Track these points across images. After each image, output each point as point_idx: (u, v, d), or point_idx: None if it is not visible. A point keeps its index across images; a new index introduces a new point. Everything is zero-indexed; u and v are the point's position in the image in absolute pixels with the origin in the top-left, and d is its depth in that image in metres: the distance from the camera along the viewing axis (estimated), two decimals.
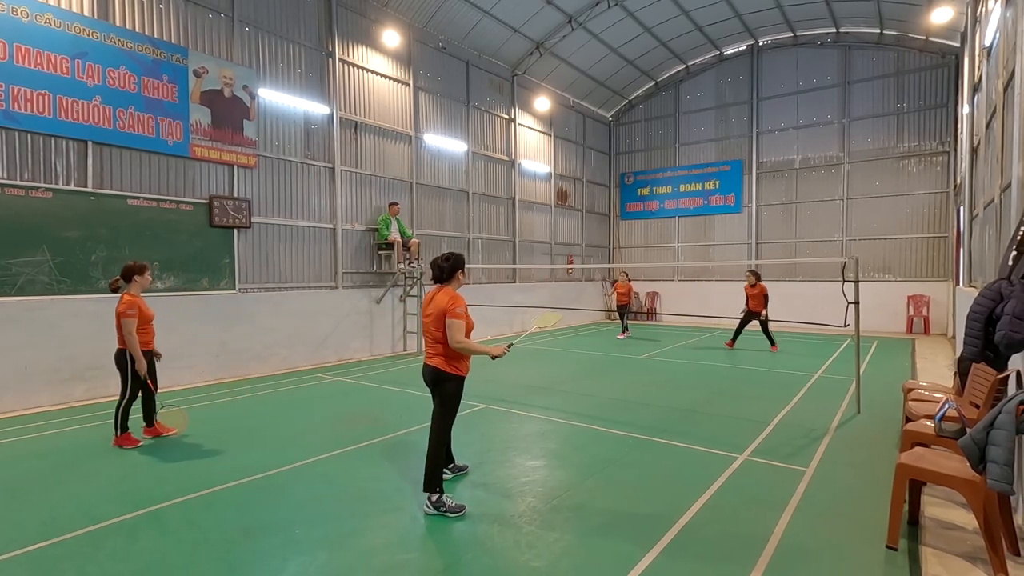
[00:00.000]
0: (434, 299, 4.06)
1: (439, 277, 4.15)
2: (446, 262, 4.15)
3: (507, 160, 15.39)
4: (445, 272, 4.13)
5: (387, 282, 11.63)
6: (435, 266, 4.17)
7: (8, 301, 6.86)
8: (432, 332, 4.03)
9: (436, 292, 4.11)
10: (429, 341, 4.07)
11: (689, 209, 18.53)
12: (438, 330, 3.98)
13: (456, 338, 3.91)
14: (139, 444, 5.48)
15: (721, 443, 5.43)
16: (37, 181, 7.20)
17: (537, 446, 5.51)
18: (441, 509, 3.89)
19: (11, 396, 6.82)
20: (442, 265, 4.14)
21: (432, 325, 4.01)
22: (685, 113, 18.51)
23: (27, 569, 3.21)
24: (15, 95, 6.95)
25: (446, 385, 4.04)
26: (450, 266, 4.14)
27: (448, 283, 4.14)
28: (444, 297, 4.00)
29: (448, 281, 4.14)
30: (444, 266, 4.14)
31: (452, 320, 3.91)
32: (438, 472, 4.00)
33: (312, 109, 10.46)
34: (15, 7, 6.95)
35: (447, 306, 3.93)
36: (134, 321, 5.31)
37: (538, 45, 14.85)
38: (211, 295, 8.80)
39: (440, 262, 4.16)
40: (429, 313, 4.04)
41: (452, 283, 4.15)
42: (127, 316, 5.28)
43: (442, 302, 3.97)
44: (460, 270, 4.17)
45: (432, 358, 4.07)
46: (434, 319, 4.00)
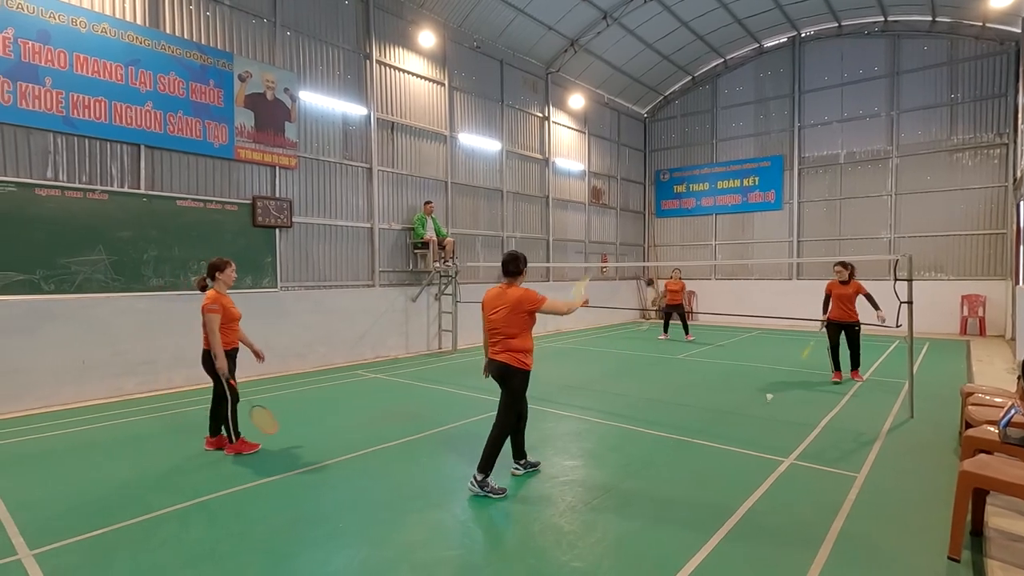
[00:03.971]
0: (505, 294, 4.22)
1: (510, 272, 4.34)
2: (514, 257, 4.36)
3: (541, 158, 15.34)
4: (515, 268, 4.33)
5: (423, 280, 11.74)
6: (506, 263, 4.36)
7: (68, 299, 7.20)
8: (501, 328, 4.18)
9: (504, 288, 4.27)
10: (498, 337, 4.21)
11: (727, 206, 18.10)
12: (510, 326, 4.15)
13: (564, 308, 4.31)
14: (258, 448, 5.25)
15: (764, 446, 5.28)
16: (94, 184, 7.53)
17: (574, 445, 5.47)
18: (485, 488, 4.14)
19: (70, 388, 7.16)
20: (512, 261, 4.35)
21: (503, 321, 4.16)
22: (723, 108, 18.09)
23: (83, 555, 3.35)
24: (74, 102, 7.29)
25: (514, 380, 4.22)
26: (517, 266, 4.34)
27: (516, 279, 4.32)
28: (518, 292, 4.18)
29: (517, 278, 4.32)
30: (512, 266, 4.34)
31: (547, 304, 4.18)
32: (494, 457, 4.21)
33: (350, 110, 10.64)
34: (74, 18, 7.29)
35: (528, 299, 4.12)
36: (217, 317, 5.05)
37: (572, 42, 14.74)
38: (254, 293, 9.06)
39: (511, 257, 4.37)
40: (497, 308, 4.19)
41: (519, 279, 4.33)
42: (210, 311, 5.05)
43: (515, 296, 4.15)
44: (526, 265, 4.39)
45: (500, 354, 4.21)
46: (506, 314, 4.15)
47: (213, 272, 5.26)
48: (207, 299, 5.13)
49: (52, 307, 7.06)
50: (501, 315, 4.17)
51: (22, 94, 6.89)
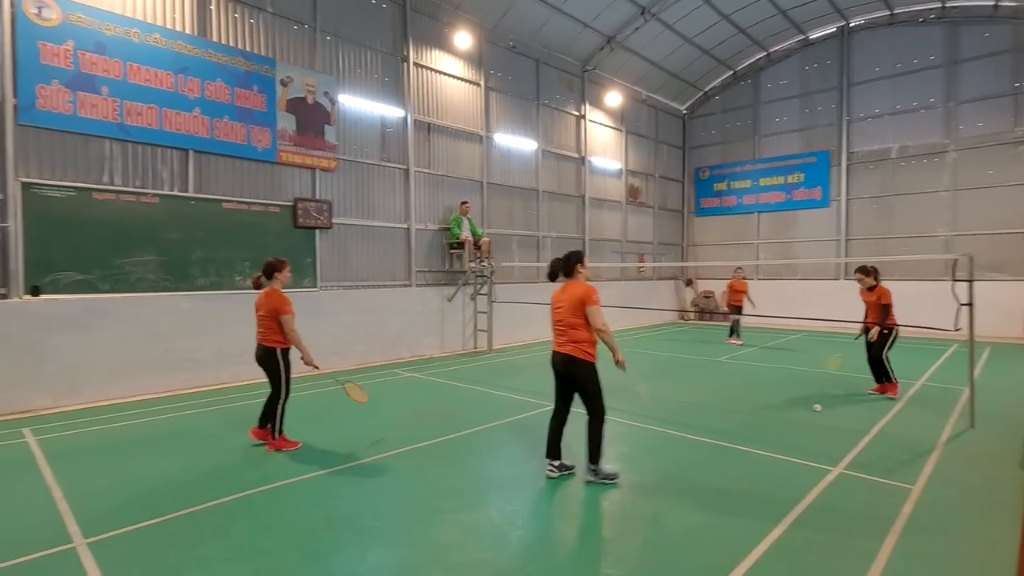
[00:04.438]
0: (567, 290, 4.41)
1: (557, 273, 4.54)
2: (559, 260, 4.54)
3: (577, 157, 15.21)
4: (565, 267, 4.49)
5: (458, 280, 11.81)
6: (553, 265, 4.57)
7: (121, 297, 7.54)
8: (565, 321, 4.35)
9: (567, 286, 4.46)
10: (562, 329, 4.40)
11: (770, 204, 17.54)
12: (572, 317, 4.31)
13: (601, 322, 4.27)
14: (298, 446, 5.35)
15: (810, 453, 5.06)
16: (146, 187, 7.87)
17: (609, 449, 5.36)
18: (599, 476, 4.40)
19: (124, 384, 7.50)
20: (560, 262, 4.53)
21: (566, 314, 4.34)
22: (766, 103, 17.53)
23: (134, 545, 3.48)
24: (128, 109, 7.63)
25: (581, 371, 4.34)
26: (565, 263, 4.49)
27: (574, 277, 4.46)
28: (580, 287, 4.35)
29: (572, 275, 4.47)
30: (558, 265, 4.53)
31: (592, 308, 4.27)
32: (598, 447, 4.41)
33: (388, 113, 10.79)
34: (128, 29, 7.63)
35: (584, 295, 4.28)
36: (294, 316, 5.22)
37: (609, 39, 14.55)
38: (295, 293, 9.25)
39: (557, 260, 4.56)
40: (561, 303, 4.40)
41: (578, 276, 4.46)
42: (286, 312, 5.16)
43: (578, 291, 4.32)
44: (579, 264, 4.48)
45: (564, 346, 4.38)
46: (568, 308, 4.33)
47: (271, 271, 5.34)
48: (280, 301, 5.20)
49: (107, 305, 7.40)
50: (565, 308, 4.36)
51: (81, 103, 7.25)
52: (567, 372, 4.40)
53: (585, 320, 4.31)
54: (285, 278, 5.39)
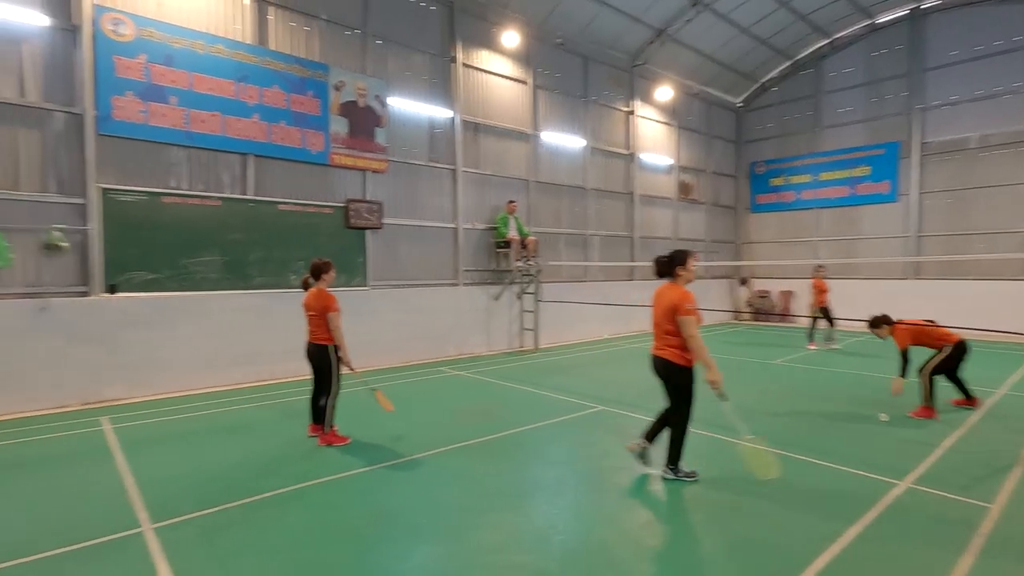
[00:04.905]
0: (664, 293, 4.32)
1: (661, 272, 4.41)
2: (663, 259, 4.39)
3: (626, 154, 14.94)
4: (665, 268, 4.37)
5: (505, 280, 11.84)
6: (656, 263, 4.45)
7: (188, 296, 7.99)
8: (661, 324, 4.30)
9: (665, 288, 4.36)
10: (659, 333, 4.35)
11: (832, 199, 16.67)
12: (667, 323, 4.24)
13: (691, 332, 4.14)
14: (348, 441, 5.47)
15: (874, 465, 4.77)
16: (209, 191, 8.29)
17: (656, 453, 5.24)
18: (679, 475, 4.42)
19: (190, 377, 7.94)
20: (662, 262, 4.40)
21: (661, 318, 4.28)
22: (828, 93, 16.65)
23: (196, 532, 3.67)
24: (194, 117, 8.06)
25: (677, 376, 4.29)
26: (668, 262, 4.35)
27: (674, 279, 4.34)
28: (672, 293, 4.25)
29: (673, 277, 4.34)
30: (663, 262, 4.39)
31: (683, 318, 4.14)
32: (679, 449, 4.42)
33: (436, 114, 10.93)
34: (194, 42, 8.05)
35: (677, 302, 4.17)
36: (340, 315, 5.41)
37: (660, 32, 14.20)
38: (346, 291, 9.55)
39: (660, 258, 4.42)
40: (657, 305, 4.33)
41: (678, 279, 4.32)
42: (333, 309, 5.36)
43: (671, 297, 4.22)
44: (680, 266, 4.31)
45: (661, 350, 4.33)
46: (662, 312, 4.27)
47: (319, 272, 5.56)
48: (327, 299, 5.40)
49: (175, 303, 7.86)
50: (659, 312, 4.31)
51: (152, 113, 7.72)
52: (663, 375, 4.36)
53: (678, 326, 4.20)
54: (331, 278, 5.62)
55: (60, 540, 3.51)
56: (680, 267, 4.30)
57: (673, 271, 4.33)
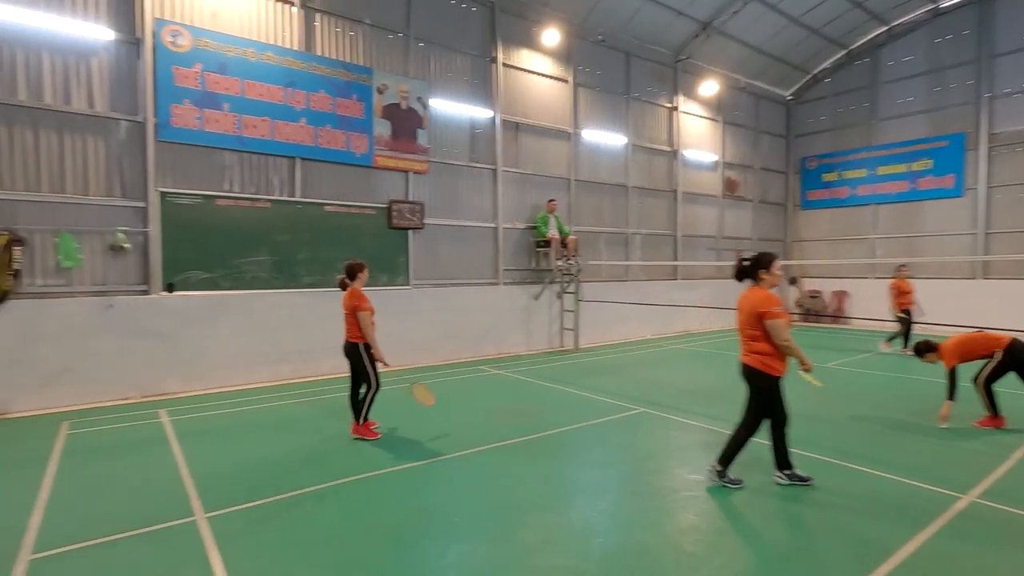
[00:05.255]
0: (748, 297, 4.20)
1: (744, 275, 4.29)
2: (746, 261, 4.26)
3: (669, 151, 14.64)
4: (748, 271, 4.24)
5: (545, 279, 11.80)
6: (737, 265, 4.34)
7: (239, 294, 8.32)
8: (744, 330, 4.20)
9: (749, 291, 4.23)
10: (743, 339, 4.25)
11: (890, 195, 15.84)
12: (751, 328, 4.13)
13: (782, 336, 4.01)
14: (378, 437, 5.63)
15: (935, 476, 4.50)
16: (260, 194, 8.60)
17: (698, 458, 5.11)
18: (723, 479, 4.29)
19: (240, 372, 8.27)
20: (744, 265, 4.28)
21: (744, 323, 4.18)
22: (886, 83, 15.83)
23: (245, 522, 3.81)
24: (245, 123, 8.38)
25: (759, 383, 4.18)
26: (752, 265, 4.22)
27: (757, 282, 4.21)
28: (755, 297, 4.13)
29: (756, 280, 4.22)
30: (745, 266, 4.27)
31: (771, 321, 4.01)
32: (734, 455, 4.28)
33: (477, 114, 11.00)
34: (246, 50, 8.37)
35: (761, 307, 4.05)
36: (371, 313, 5.60)
37: (705, 26, 13.82)
38: (389, 290, 9.75)
39: (742, 261, 4.31)
40: (742, 311, 4.22)
41: (760, 283, 4.20)
42: (363, 309, 5.53)
43: (753, 302, 4.11)
44: (764, 268, 4.17)
45: (745, 356, 4.23)
46: (746, 317, 4.16)
47: (354, 273, 5.79)
48: (358, 299, 5.60)
49: (228, 301, 8.20)
50: (742, 317, 4.21)
51: (207, 119, 8.07)
52: (748, 381, 4.26)
53: (764, 331, 4.07)
54: (364, 278, 5.83)
55: (121, 525, 3.72)
56: (764, 270, 4.16)
57: (756, 274, 4.20)
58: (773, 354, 4.10)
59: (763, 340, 4.09)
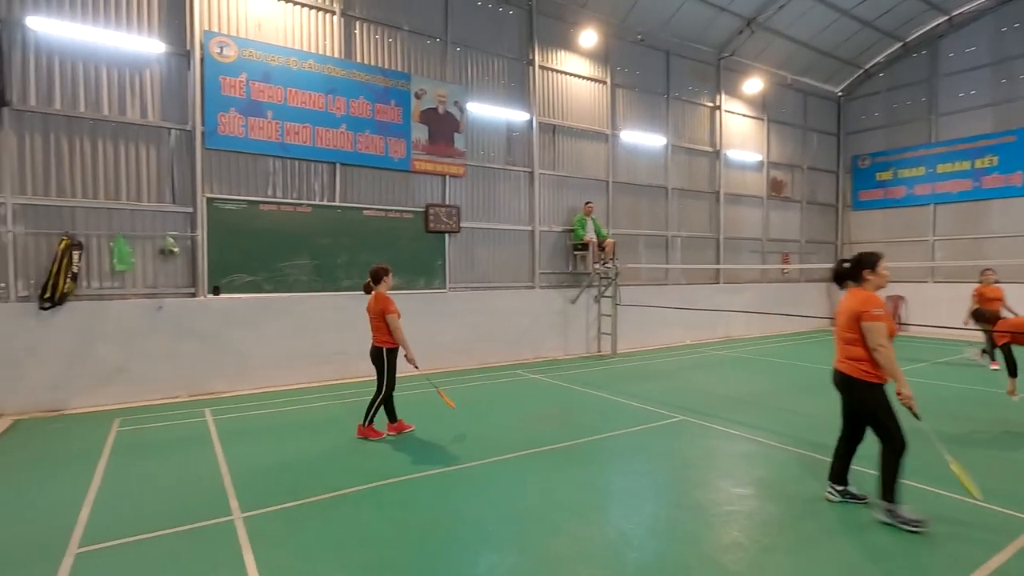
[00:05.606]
0: (848, 299, 3.91)
1: (843, 277, 3.99)
2: (846, 263, 3.98)
3: (711, 151, 14.24)
4: (850, 272, 3.93)
5: (582, 282, 11.65)
6: (837, 267, 4.04)
7: (281, 296, 8.52)
8: (842, 334, 3.91)
9: (850, 293, 3.94)
10: (839, 344, 3.97)
11: (951, 194, 14.94)
12: (849, 332, 3.83)
13: (878, 341, 3.67)
14: (383, 436, 5.77)
15: (1005, 498, 4.15)
16: (301, 199, 8.80)
17: (742, 470, 4.89)
18: (896, 519, 3.71)
19: (282, 373, 8.46)
20: (845, 266, 3.98)
21: (843, 325, 3.88)
22: (946, 76, 14.96)
23: (281, 523, 3.85)
24: (288, 130, 8.59)
25: (860, 393, 3.85)
26: (854, 266, 3.92)
27: (860, 284, 3.91)
28: (855, 298, 3.85)
29: (858, 282, 3.91)
30: (844, 268, 3.98)
31: (869, 324, 3.70)
32: (891, 481, 3.78)
33: (513, 117, 10.97)
34: (288, 59, 8.59)
35: (860, 308, 3.75)
36: (398, 316, 5.63)
37: (749, 22, 13.40)
38: (425, 293, 9.81)
39: (842, 262, 4.02)
40: (840, 313, 3.94)
41: (865, 284, 3.89)
42: (392, 312, 5.59)
43: (852, 303, 3.83)
44: (869, 268, 3.86)
45: (841, 362, 3.94)
46: (844, 321, 3.87)
47: (379, 277, 5.84)
48: (385, 302, 5.66)
49: (270, 304, 8.41)
50: (842, 319, 3.90)
51: (251, 127, 8.31)
52: (845, 392, 3.97)
53: (863, 335, 3.76)
54: (389, 282, 5.87)
55: (162, 523, 3.82)
56: (869, 270, 3.85)
57: (860, 275, 3.88)
58: (871, 359, 3.75)
59: (862, 344, 3.77)
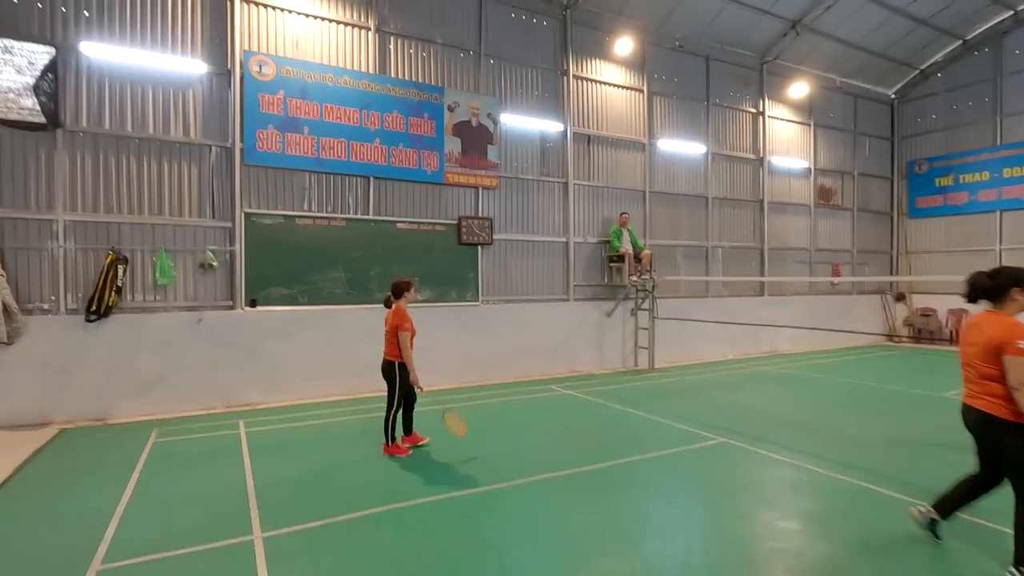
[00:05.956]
0: (984, 324, 3.29)
1: (977, 295, 3.37)
2: (988, 276, 3.33)
3: (754, 159, 13.73)
4: (990, 290, 3.31)
5: (618, 295, 11.35)
6: (973, 281, 3.38)
7: (315, 309, 8.61)
8: (975, 366, 3.29)
9: (985, 317, 3.33)
10: (971, 376, 3.35)
11: (1020, 200, 13.91)
12: (984, 363, 3.22)
13: (1021, 380, 3.03)
14: (408, 453, 5.68)
15: None
16: (335, 212, 8.90)
17: (787, 501, 4.54)
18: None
19: (316, 385, 8.51)
20: (984, 281, 3.33)
21: (977, 357, 3.27)
22: (1011, 74, 14.00)
23: (299, 544, 3.78)
24: (324, 145, 8.72)
25: (998, 435, 3.23)
26: (1001, 282, 3.26)
27: (1000, 305, 3.29)
28: (996, 324, 3.20)
29: (998, 302, 3.29)
30: (985, 283, 3.32)
31: (1013, 358, 3.05)
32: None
33: (547, 128, 10.85)
34: (324, 75, 8.74)
35: (1003, 337, 3.10)
36: (411, 334, 5.59)
37: (794, 24, 12.90)
38: (458, 306, 9.74)
39: (980, 275, 3.37)
40: (973, 343, 3.32)
41: (1007, 305, 3.26)
42: (404, 328, 5.53)
43: (993, 331, 3.18)
44: (1017, 286, 3.22)
45: (975, 399, 3.33)
46: (979, 350, 3.25)
47: (400, 291, 5.77)
48: (400, 318, 5.60)
49: (304, 316, 8.50)
50: (976, 349, 3.27)
51: (288, 143, 8.47)
52: (979, 432, 3.37)
53: (1004, 369, 3.13)
54: (411, 297, 5.82)
55: (185, 540, 3.80)
56: (1019, 289, 3.20)
57: (1004, 294, 3.23)
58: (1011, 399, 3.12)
59: (1002, 380, 3.14)
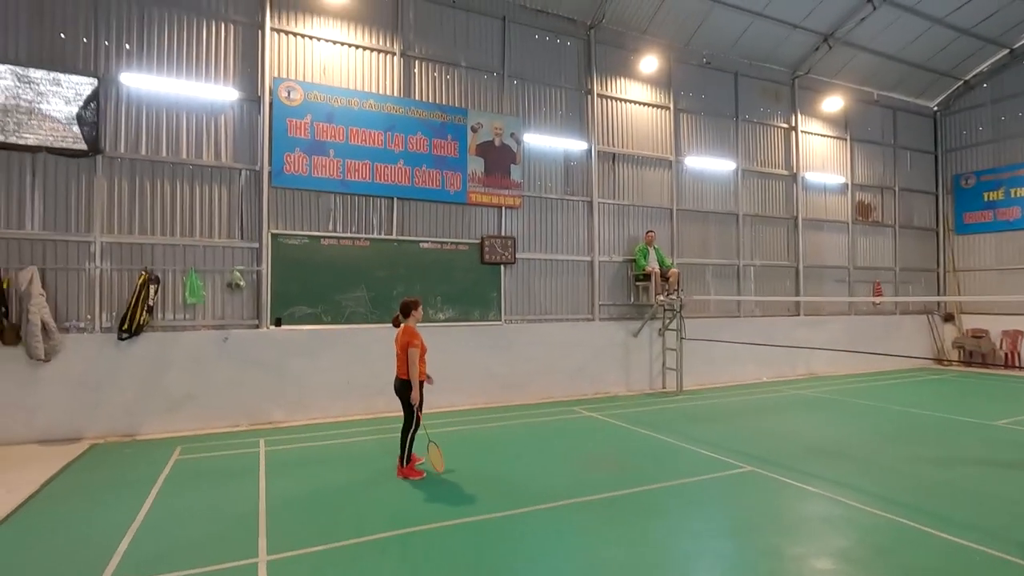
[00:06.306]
0: None
1: None
2: None
3: (787, 175, 13.35)
4: None
5: (645, 315, 11.10)
6: None
7: (339, 328, 8.68)
8: None
9: None
10: None
11: None
12: None
13: None
14: (423, 476, 5.57)
15: None
16: (360, 233, 9.01)
17: (821, 538, 4.24)
18: None
19: (338, 404, 8.54)
20: None
21: None
22: None
23: (304, 568, 3.72)
24: (349, 167, 8.88)
25: None
26: None
27: None
28: None
29: None
30: None
31: None
32: None
33: (571, 147, 10.80)
34: (350, 99, 8.94)
35: None
36: (418, 351, 5.55)
37: (826, 37, 12.60)
38: (480, 326, 9.68)
39: None
40: None
41: None
42: (414, 346, 5.51)
43: None
44: None
45: None
46: None
47: (409, 310, 5.80)
48: (410, 335, 5.60)
49: (328, 335, 8.57)
50: None
51: (315, 165, 8.66)
52: None
53: None
54: (419, 316, 5.85)
55: (192, 560, 3.78)
56: None
57: None
58: None
59: None
